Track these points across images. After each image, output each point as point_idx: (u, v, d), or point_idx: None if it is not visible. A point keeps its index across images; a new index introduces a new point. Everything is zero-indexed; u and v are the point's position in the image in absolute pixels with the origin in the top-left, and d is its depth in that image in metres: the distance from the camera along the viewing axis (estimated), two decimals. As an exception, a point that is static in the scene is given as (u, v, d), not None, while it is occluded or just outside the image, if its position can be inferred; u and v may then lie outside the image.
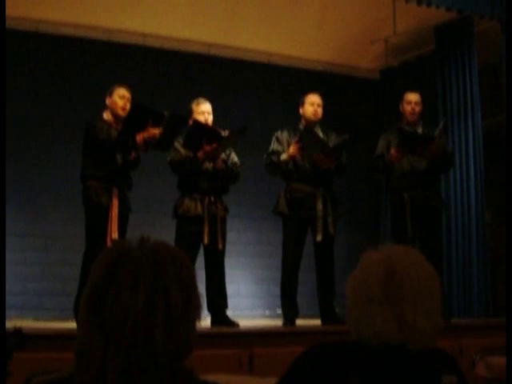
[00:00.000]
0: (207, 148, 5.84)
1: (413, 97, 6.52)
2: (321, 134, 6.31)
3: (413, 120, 6.49)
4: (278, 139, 6.39)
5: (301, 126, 6.38)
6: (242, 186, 6.71)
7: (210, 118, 6.07)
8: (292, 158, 6.18)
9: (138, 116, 5.57)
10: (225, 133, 5.95)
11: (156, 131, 5.56)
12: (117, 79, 6.30)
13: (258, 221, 8.27)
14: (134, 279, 1.44)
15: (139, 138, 5.56)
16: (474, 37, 8.03)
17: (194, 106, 6.10)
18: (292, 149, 6.15)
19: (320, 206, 6.15)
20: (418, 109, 6.51)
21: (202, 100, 6.13)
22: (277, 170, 6.36)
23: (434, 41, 8.45)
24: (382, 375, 1.84)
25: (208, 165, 5.98)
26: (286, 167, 6.23)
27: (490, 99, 8.96)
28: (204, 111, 6.06)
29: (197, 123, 5.92)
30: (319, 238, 6.11)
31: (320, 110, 6.39)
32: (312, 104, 6.37)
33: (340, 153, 6.31)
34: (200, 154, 5.87)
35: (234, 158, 6.23)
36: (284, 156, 6.23)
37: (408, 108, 6.50)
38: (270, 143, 6.40)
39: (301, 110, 6.43)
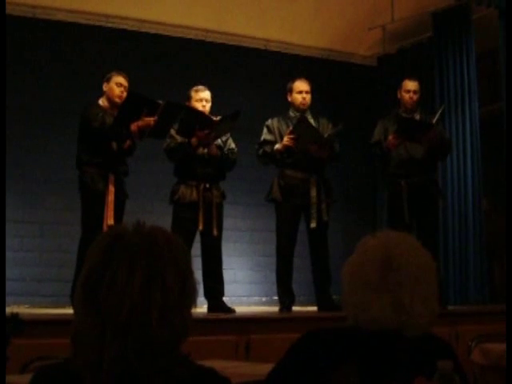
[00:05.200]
0: (200, 134, 5.82)
1: (411, 85, 6.51)
2: (312, 122, 6.29)
3: (411, 107, 6.49)
4: (268, 128, 6.37)
5: (291, 114, 6.37)
6: (238, 172, 6.70)
7: (207, 106, 6.04)
8: (286, 148, 6.15)
9: (132, 105, 5.56)
10: (216, 118, 5.93)
11: (150, 120, 5.55)
12: (113, 65, 6.29)
13: (255, 207, 8.26)
14: (129, 264, 1.44)
15: (134, 127, 5.55)
16: (472, 24, 8.01)
17: (192, 93, 6.07)
18: (286, 139, 6.13)
19: (314, 193, 6.15)
20: (416, 97, 6.51)
21: (201, 87, 6.10)
22: (270, 160, 6.34)
23: (432, 27, 8.43)
24: (378, 360, 1.84)
25: (203, 151, 5.96)
26: (280, 157, 6.21)
27: (488, 86, 8.95)
28: (202, 98, 6.04)
29: (189, 109, 5.91)
30: (313, 224, 6.10)
31: (308, 97, 6.37)
32: (300, 92, 6.35)
33: (333, 142, 6.30)
34: (193, 139, 5.86)
35: (232, 144, 6.22)
36: (278, 146, 6.20)
37: (406, 96, 6.49)
38: (266, 130, 6.39)
39: (289, 98, 6.41)
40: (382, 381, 1.80)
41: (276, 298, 6.45)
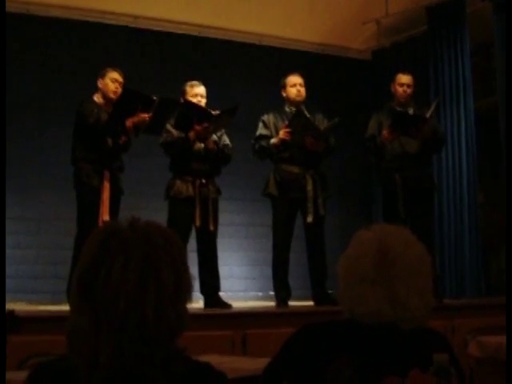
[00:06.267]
0: (198, 127, 5.81)
1: (405, 79, 6.51)
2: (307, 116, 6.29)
3: (404, 101, 6.48)
4: (264, 123, 6.36)
5: (286, 109, 6.36)
6: (234, 167, 6.70)
7: (203, 101, 6.03)
8: (282, 142, 6.15)
9: (127, 101, 5.55)
10: (215, 112, 5.93)
11: (145, 116, 5.55)
12: (108, 61, 6.27)
13: (251, 202, 8.25)
14: (124, 260, 1.44)
15: (129, 122, 5.55)
16: (466, 18, 8.00)
17: (187, 88, 6.06)
18: (282, 133, 6.13)
19: (310, 187, 6.14)
20: (409, 91, 6.50)
21: (196, 83, 6.09)
22: (266, 155, 6.34)
23: (426, 21, 8.43)
24: (374, 354, 1.84)
25: (199, 145, 5.96)
26: (276, 151, 6.21)
27: (482, 80, 8.95)
28: (197, 94, 6.02)
29: (187, 103, 5.91)
30: (310, 219, 6.10)
31: (303, 90, 6.36)
32: (294, 85, 6.34)
33: (329, 135, 6.29)
34: (191, 133, 5.85)
35: (226, 139, 6.21)
36: (274, 140, 6.20)
37: (400, 90, 6.49)
38: (261, 125, 6.39)
39: (283, 93, 6.39)
40: (377, 374, 1.80)
41: (272, 292, 6.45)
